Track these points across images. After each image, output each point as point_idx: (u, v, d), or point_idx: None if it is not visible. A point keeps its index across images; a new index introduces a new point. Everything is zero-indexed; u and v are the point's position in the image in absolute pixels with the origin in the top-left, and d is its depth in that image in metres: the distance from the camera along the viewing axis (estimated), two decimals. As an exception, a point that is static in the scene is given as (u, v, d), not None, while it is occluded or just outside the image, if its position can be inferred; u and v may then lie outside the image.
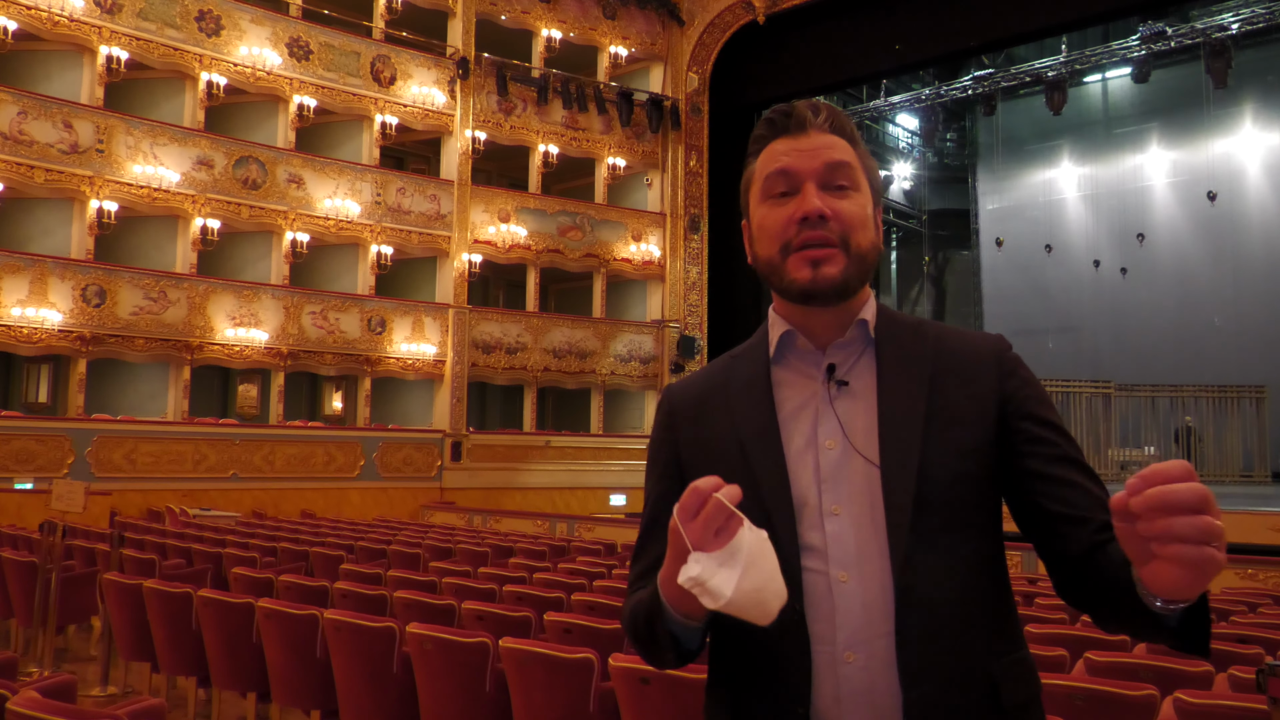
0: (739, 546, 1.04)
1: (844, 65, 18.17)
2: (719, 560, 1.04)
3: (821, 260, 1.23)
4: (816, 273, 1.23)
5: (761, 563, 1.04)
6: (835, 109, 1.31)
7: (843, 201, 1.25)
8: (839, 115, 1.30)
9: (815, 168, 1.25)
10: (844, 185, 1.25)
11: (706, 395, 1.35)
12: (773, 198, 1.27)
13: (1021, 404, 1.25)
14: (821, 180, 1.25)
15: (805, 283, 1.23)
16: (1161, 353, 20.38)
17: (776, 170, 1.26)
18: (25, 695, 2.45)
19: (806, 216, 1.23)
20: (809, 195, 1.23)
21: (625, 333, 18.79)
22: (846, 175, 1.26)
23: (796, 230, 1.24)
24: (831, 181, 1.25)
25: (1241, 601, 6.14)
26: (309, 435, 15.59)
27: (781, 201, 1.26)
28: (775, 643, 1.19)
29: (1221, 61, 17.10)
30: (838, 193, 1.25)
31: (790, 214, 1.24)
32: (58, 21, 13.68)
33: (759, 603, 1.04)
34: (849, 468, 1.22)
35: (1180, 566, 0.93)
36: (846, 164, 1.26)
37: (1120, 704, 2.96)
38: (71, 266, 13.69)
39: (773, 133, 1.30)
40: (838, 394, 1.26)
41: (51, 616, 6.18)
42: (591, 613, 4.66)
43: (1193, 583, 0.94)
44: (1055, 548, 1.23)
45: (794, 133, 1.28)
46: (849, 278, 1.24)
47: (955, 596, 1.18)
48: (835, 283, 1.23)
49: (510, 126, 17.85)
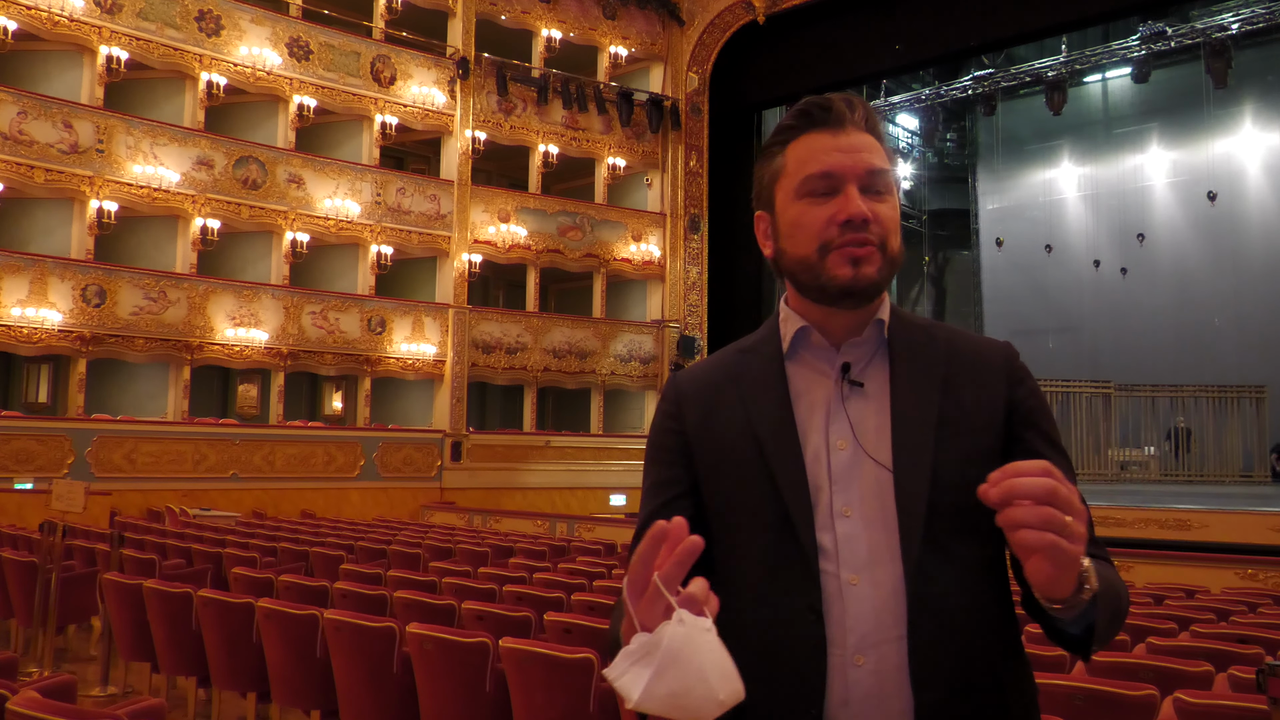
0: (656, 643, 0.90)
1: (844, 65, 18.16)
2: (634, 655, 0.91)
3: (862, 259, 1.22)
4: (858, 271, 1.22)
5: (687, 662, 0.89)
6: (868, 106, 1.29)
7: (881, 206, 1.24)
8: (872, 113, 1.29)
9: (858, 170, 1.24)
10: (881, 190, 1.25)
11: (718, 386, 1.33)
12: (812, 196, 1.25)
13: (1027, 415, 1.26)
14: (864, 183, 1.24)
15: (847, 281, 1.22)
16: (1161, 353, 20.37)
17: (819, 171, 1.24)
18: (25, 695, 2.45)
19: (850, 220, 1.22)
20: (854, 198, 1.22)
21: (625, 333, 18.79)
22: (884, 181, 1.25)
23: (839, 232, 1.23)
24: (872, 185, 1.24)
25: (1241, 601, 6.14)
26: (309, 435, 15.59)
27: (821, 201, 1.24)
28: (787, 644, 1.19)
29: (1221, 61, 17.11)
30: (876, 196, 1.25)
31: (832, 215, 1.23)
32: (58, 21, 13.68)
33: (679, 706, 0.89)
34: (859, 469, 1.22)
35: (1044, 559, 0.99)
36: (885, 171, 1.26)
37: (1120, 704, 2.96)
38: (71, 266, 13.69)
39: (807, 124, 1.27)
40: (850, 394, 1.26)
41: (51, 616, 6.17)
42: (591, 613, 4.66)
43: (1053, 574, 1.00)
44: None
45: (833, 128, 1.26)
46: (884, 279, 1.24)
47: (965, 602, 1.18)
48: (874, 282, 1.23)
49: (510, 126, 17.85)
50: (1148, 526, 11.27)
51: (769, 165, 1.31)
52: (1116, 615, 1.16)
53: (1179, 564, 9.06)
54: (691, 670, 0.90)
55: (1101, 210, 22.66)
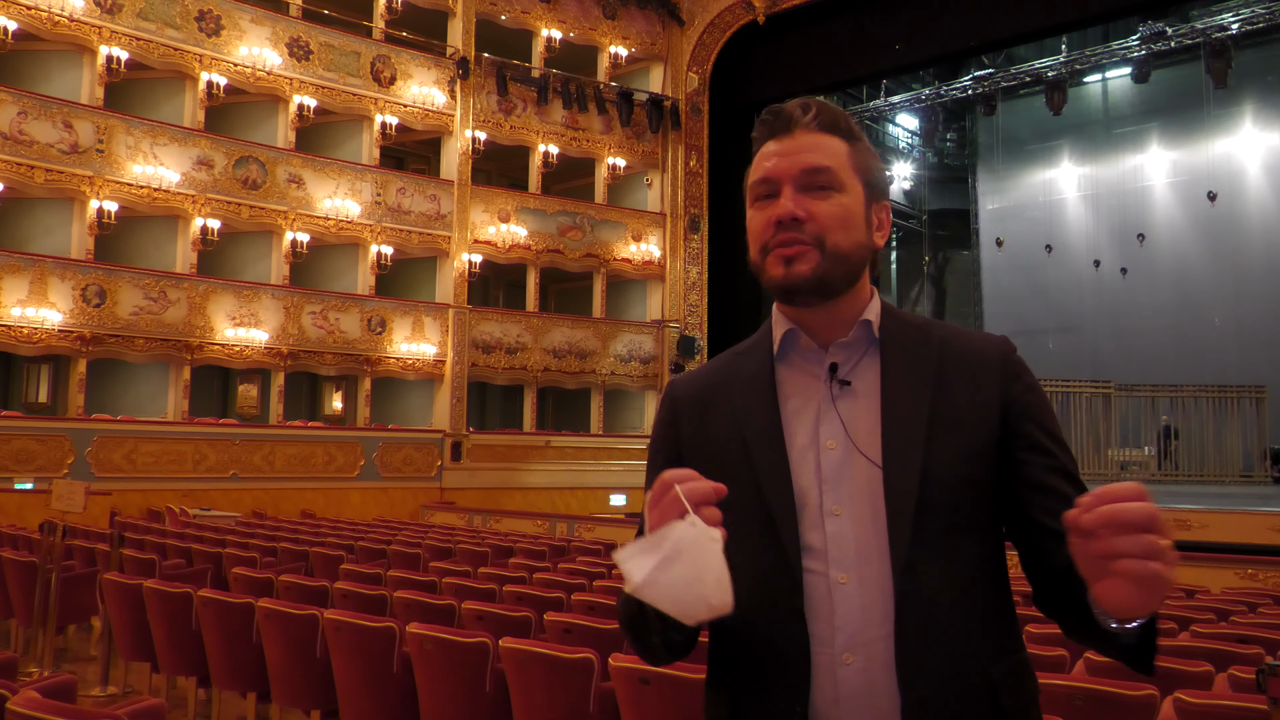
0: (666, 536, 1.01)
1: (844, 65, 18.16)
2: (644, 546, 1.01)
3: (793, 258, 1.24)
4: (789, 270, 1.24)
5: (690, 559, 1.00)
6: (827, 105, 1.30)
7: (821, 203, 1.25)
8: (830, 111, 1.29)
9: (792, 171, 1.25)
10: (824, 186, 1.25)
11: (710, 392, 1.35)
12: (758, 201, 1.29)
13: (1024, 410, 1.26)
14: (800, 183, 1.25)
15: (779, 279, 1.25)
16: (1161, 353, 20.37)
17: (759, 177, 1.29)
18: (25, 695, 2.45)
19: (780, 220, 1.24)
20: (784, 199, 1.25)
21: (625, 333, 18.79)
22: (826, 178, 1.26)
23: (773, 232, 1.25)
24: (811, 184, 1.25)
25: (1241, 601, 6.14)
26: (309, 435, 15.60)
27: (763, 205, 1.28)
28: (775, 642, 1.20)
29: (1221, 61, 17.10)
30: (818, 194, 1.25)
31: (768, 217, 1.26)
32: (58, 21, 13.68)
33: (674, 598, 1.00)
34: (851, 468, 1.22)
35: (1129, 583, 0.97)
36: (826, 168, 1.26)
37: (1120, 704, 2.96)
38: (71, 266, 13.69)
39: (765, 134, 1.31)
40: (840, 393, 1.26)
41: (51, 616, 6.17)
42: (591, 613, 4.66)
43: (1142, 601, 0.99)
44: (1038, 559, 1.24)
45: (779, 134, 1.29)
46: (824, 275, 1.24)
47: (955, 599, 1.18)
48: (807, 279, 1.24)
49: (510, 126, 17.85)
50: (1148, 526, 11.24)
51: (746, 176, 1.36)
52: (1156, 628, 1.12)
53: (1179, 564, 9.04)
54: (692, 568, 0.99)
55: (1101, 210, 22.67)
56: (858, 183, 1.28)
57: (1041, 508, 1.22)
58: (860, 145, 1.30)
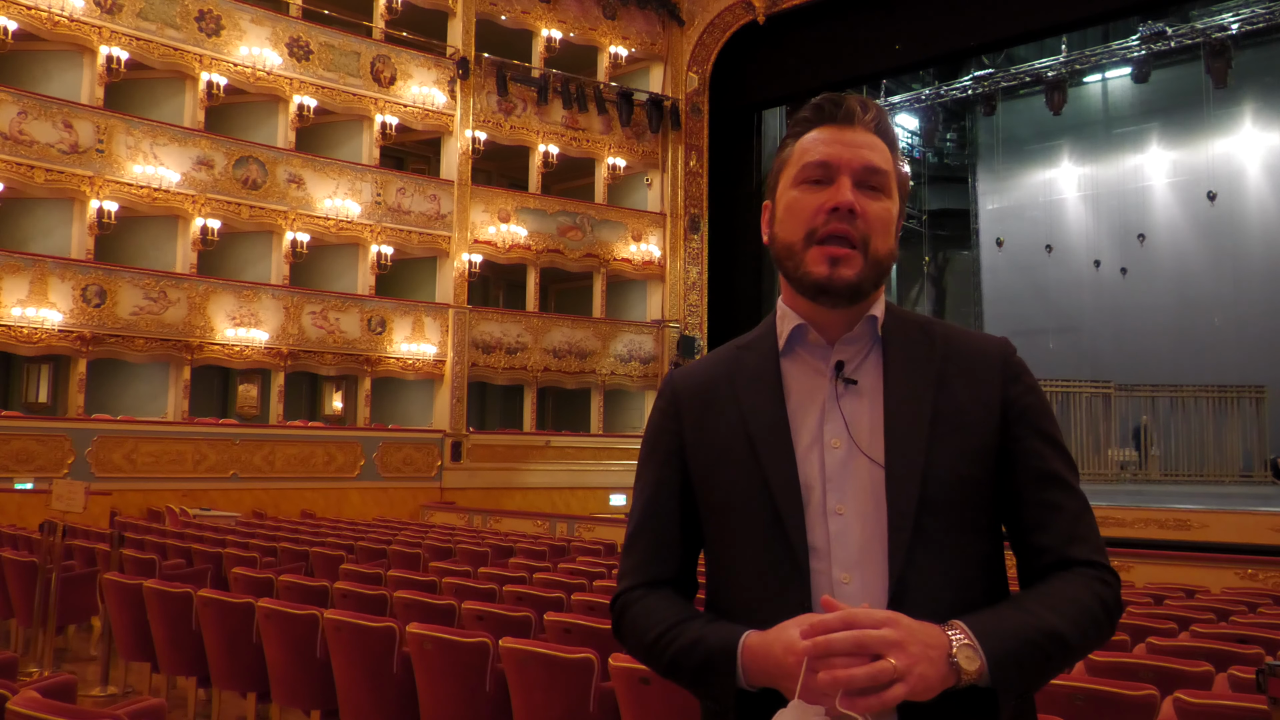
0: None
1: (844, 65, 18.16)
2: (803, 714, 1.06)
3: (840, 260, 1.23)
4: (833, 271, 1.23)
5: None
6: (883, 110, 1.31)
7: (873, 203, 1.25)
8: (885, 118, 1.31)
9: (854, 164, 1.25)
10: (876, 188, 1.26)
11: (713, 385, 1.34)
12: (807, 183, 1.27)
13: (1023, 412, 1.26)
14: (858, 178, 1.25)
15: (821, 279, 1.24)
16: (1161, 353, 20.36)
17: (817, 160, 1.26)
18: (25, 695, 2.45)
19: (837, 207, 1.23)
20: (844, 187, 1.24)
21: (625, 333, 18.79)
22: (881, 180, 1.26)
23: (825, 219, 1.24)
24: (867, 181, 1.25)
25: (1241, 601, 6.14)
26: (309, 435, 15.59)
27: (815, 188, 1.26)
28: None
29: (1221, 61, 17.11)
30: (870, 194, 1.25)
31: (822, 202, 1.25)
32: (58, 21, 13.68)
33: None
34: (854, 467, 1.22)
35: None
36: (884, 171, 1.26)
37: (1120, 704, 2.96)
38: (71, 266, 13.69)
39: (819, 119, 1.29)
40: (844, 392, 1.26)
41: (51, 616, 6.17)
42: (591, 613, 4.66)
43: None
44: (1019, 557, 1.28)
45: (841, 123, 1.28)
46: (864, 280, 1.24)
47: (955, 598, 1.18)
48: (850, 284, 1.24)
49: (510, 126, 17.85)
50: (1148, 526, 11.27)
51: (780, 156, 1.33)
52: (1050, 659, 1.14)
53: (1179, 564, 9.06)
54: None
55: (1101, 210, 22.66)
56: (896, 191, 1.29)
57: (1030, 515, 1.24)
58: (899, 155, 1.32)
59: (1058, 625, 1.14)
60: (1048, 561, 1.22)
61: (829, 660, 1.05)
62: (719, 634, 1.19)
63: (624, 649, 1.38)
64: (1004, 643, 1.10)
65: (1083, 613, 1.16)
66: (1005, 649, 1.09)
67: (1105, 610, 1.19)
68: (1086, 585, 1.19)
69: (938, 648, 1.07)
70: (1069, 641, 1.14)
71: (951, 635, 1.09)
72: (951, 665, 1.07)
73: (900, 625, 1.06)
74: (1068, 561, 1.21)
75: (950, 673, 1.07)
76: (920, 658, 1.05)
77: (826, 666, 1.05)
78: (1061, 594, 1.17)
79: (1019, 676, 1.11)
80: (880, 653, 1.04)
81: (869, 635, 1.04)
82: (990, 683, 1.09)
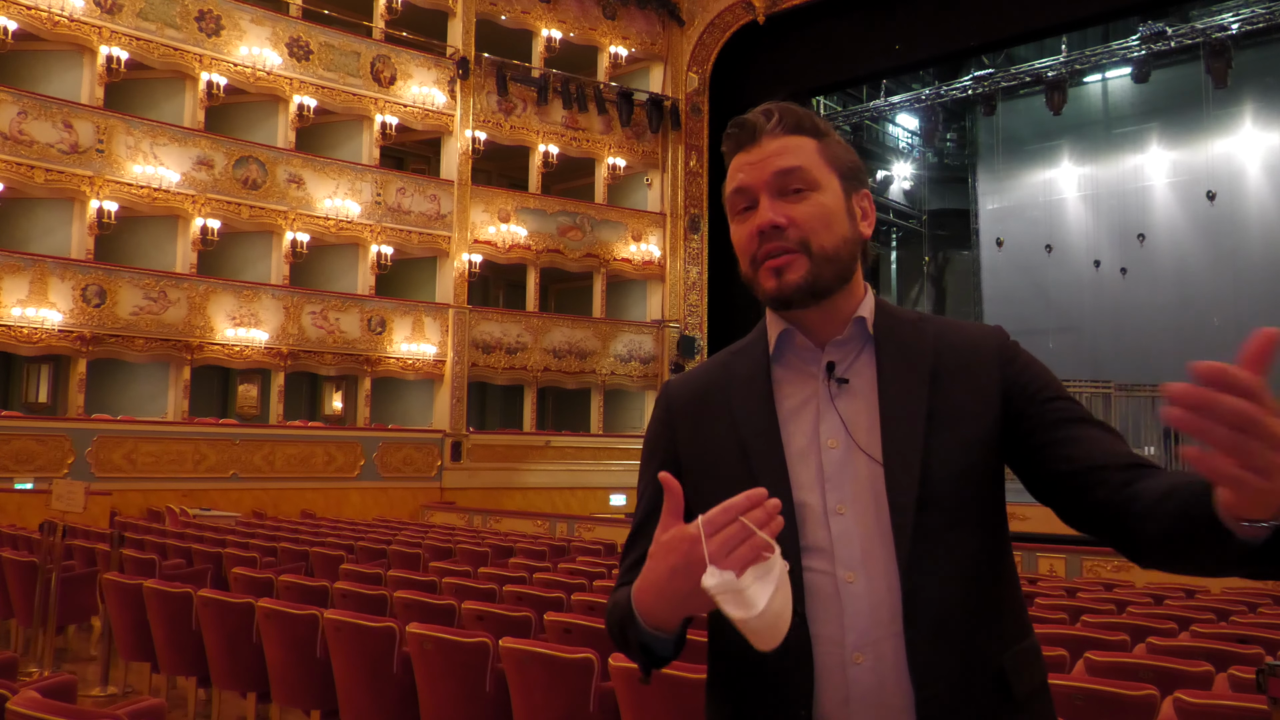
0: (773, 565, 1.04)
1: (844, 65, 18.16)
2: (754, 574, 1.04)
3: (783, 268, 1.24)
4: (781, 281, 1.24)
5: (785, 589, 1.05)
6: (790, 107, 1.30)
7: (799, 206, 1.25)
8: (793, 113, 1.29)
9: (765, 177, 1.25)
10: (799, 188, 1.25)
11: (706, 393, 1.35)
12: (737, 214, 1.29)
13: (1025, 386, 1.25)
14: (774, 189, 1.25)
15: (773, 292, 1.25)
16: (1161, 353, 20.35)
17: (735, 189, 1.29)
18: (25, 695, 2.45)
19: (761, 229, 1.25)
20: (762, 208, 1.25)
21: (625, 333, 18.79)
22: (800, 178, 1.25)
23: (758, 243, 1.25)
24: (786, 187, 1.25)
25: (1241, 601, 6.15)
26: (309, 435, 15.59)
27: (744, 217, 1.28)
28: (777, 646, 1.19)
29: (1221, 61, 17.09)
30: (794, 197, 1.25)
31: (750, 229, 1.26)
32: (58, 21, 13.68)
33: (773, 626, 1.04)
34: (852, 466, 1.22)
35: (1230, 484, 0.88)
36: (797, 168, 1.25)
37: (1120, 704, 2.96)
38: (71, 266, 13.69)
39: (734, 148, 1.31)
40: (838, 392, 1.26)
41: (51, 616, 6.17)
42: (591, 613, 4.66)
43: (1246, 505, 0.89)
44: (1089, 499, 1.16)
45: (747, 145, 1.29)
46: (816, 279, 1.24)
47: (962, 592, 1.18)
48: (800, 287, 1.24)
49: (510, 126, 17.85)
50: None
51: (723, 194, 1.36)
52: None
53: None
54: (786, 600, 1.05)
55: (1101, 210, 22.66)
56: (833, 176, 1.27)
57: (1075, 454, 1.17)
58: (829, 139, 1.30)
59: None
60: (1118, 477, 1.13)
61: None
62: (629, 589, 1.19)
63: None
64: None
65: None
66: None
67: None
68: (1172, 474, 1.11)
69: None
70: None
71: None
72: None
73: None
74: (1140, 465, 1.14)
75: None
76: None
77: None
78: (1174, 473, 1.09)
79: None
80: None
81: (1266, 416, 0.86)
82: (1270, 536, 0.93)
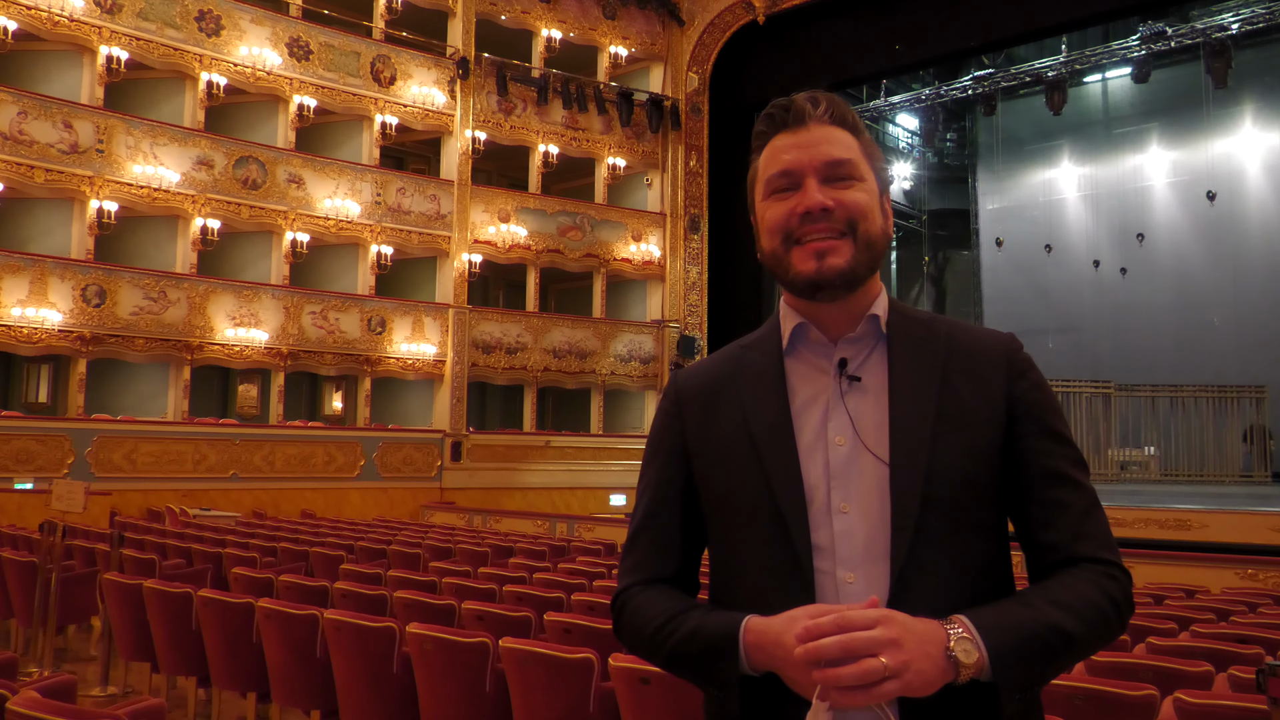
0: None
1: (844, 65, 18.15)
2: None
3: (827, 251, 1.23)
4: (822, 264, 1.23)
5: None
6: (835, 99, 1.30)
7: (848, 192, 1.25)
8: (839, 105, 1.30)
9: (815, 163, 1.25)
10: (846, 178, 1.26)
11: (717, 385, 1.34)
12: (776, 193, 1.27)
13: (1029, 409, 1.25)
14: (823, 175, 1.25)
15: (811, 274, 1.23)
16: (1161, 353, 20.36)
17: (779, 170, 1.27)
18: (25, 695, 2.45)
19: (809, 211, 1.23)
20: (810, 190, 1.24)
21: (625, 333, 18.79)
22: (848, 169, 1.26)
23: (799, 223, 1.24)
24: (834, 175, 1.25)
25: (1241, 601, 6.14)
26: (309, 435, 15.59)
27: (784, 196, 1.26)
28: None
29: (1221, 61, 17.08)
30: (840, 184, 1.25)
31: (791, 207, 1.25)
32: (58, 21, 13.68)
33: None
34: (859, 465, 1.21)
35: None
36: (848, 160, 1.26)
37: (1120, 704, 2.96)
38: (71, 266, 13.69)
39: (773, 128, 1.30)
40: (849, 389, 1.25)
41: (51, 616, 6.17)
42: (591, 613, 4.66)
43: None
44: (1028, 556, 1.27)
45: (793, 127, 1.28)
46: (857, 265, 1.24)
47: (960, 597, 1.17)
48: (843, 272, 1.23)
49: (510, 126, 17.85)
50: (1148, 526, 11.27)
51: (750, 171, 1.34)
52: (1054, 654, 1.13)
53: (1179, 564, 9.05)
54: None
55: (1101, 210, 22.66)
56: (871, 174, 1.28)
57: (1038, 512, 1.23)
58: (865, 139, 1.31)
59: (1061, 620, 1.12)
60: (1055, 559, 1.21)
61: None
62: (720, 620, 1.19)
63: (624, 646, 1.37)
64: (1005, 636, 1.09)
65: (1089, 608, 1.15)
66: (1006, 643, 1.09)
67: (1114, 606, 1.17)
68: (1093, 581, 1.18)
69: (934, 642, 1.06)
70: (1073, 636, 1.13)
71: (949, 629, 1.08)
72: (950, 659, 1.06)
73: (893, 623, 1.06)
74: (1075, 558, 1.20)
75: (949, 667, 1.06)
76: (916, 653, 1.04)
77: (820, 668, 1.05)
78: (1067, 589, 1.16)
79: (1021, 671, 1.10)
80: (871, 653, 1.03)
81: (857, 639, 1.04)
82: (991, 677, 1.08)
